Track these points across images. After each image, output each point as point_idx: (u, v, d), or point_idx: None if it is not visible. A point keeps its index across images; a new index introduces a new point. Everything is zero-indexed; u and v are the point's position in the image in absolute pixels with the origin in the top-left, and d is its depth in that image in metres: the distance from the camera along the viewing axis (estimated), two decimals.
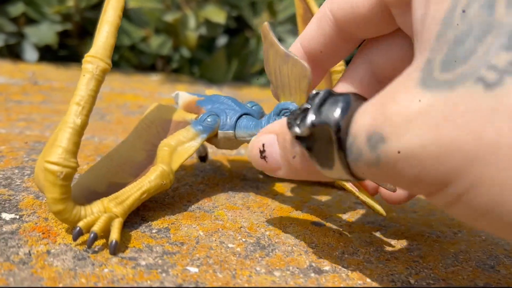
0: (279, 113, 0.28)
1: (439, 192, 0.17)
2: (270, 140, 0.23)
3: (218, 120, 0.31)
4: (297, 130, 0.20)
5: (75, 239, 0.24)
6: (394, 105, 0.17)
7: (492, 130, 0.15)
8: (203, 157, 0.39)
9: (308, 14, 0.35)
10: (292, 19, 0.85)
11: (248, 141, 0.30)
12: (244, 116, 0.31)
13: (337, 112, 0.19)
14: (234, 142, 0.31)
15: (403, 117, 0.16)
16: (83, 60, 0.25)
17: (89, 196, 0.27)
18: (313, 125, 0.19)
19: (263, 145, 0.23)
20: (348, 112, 0.19)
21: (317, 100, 0.20)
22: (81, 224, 0.24)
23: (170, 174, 0.28)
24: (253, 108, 0.33)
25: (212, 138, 0.31)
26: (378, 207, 0.28)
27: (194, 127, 0.31)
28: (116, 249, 0.24)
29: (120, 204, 0.26)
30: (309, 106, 0.20)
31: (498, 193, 0.15)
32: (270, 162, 0.23)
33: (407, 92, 0.17)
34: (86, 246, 0.24)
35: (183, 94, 0.35)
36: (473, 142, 0.15)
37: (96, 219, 0.25)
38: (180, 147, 0.30)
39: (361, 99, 0.20)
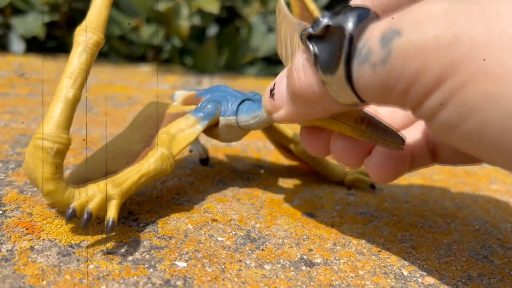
0: None
1: (433, 93, 0.17)
2: (281, 77, 0.23)
3: (219, 106, 0.29)
4: (310, 30, 0.20)
5: (68, 220, 0.22)
6: (417, 6, 0.17)
7: (507, 22, 0.16)
8: (204, 159, 0.37)
9: (306, 12, 0.34)
10: None
11: (251, 126, 0.29)
12: (246, 101, 0.30)
13: (353, 17, 0.19)
14: (236, 131, 0.30)
15: (424, 13, 0.17)
16: (75, 33, 0.24)
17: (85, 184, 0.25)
18: (327, 26, 0.19)
19: (274, 84, 0.23)
20: (365, 20, 0.19)
21: (334, 10, 0.20)
22: (75, 203, 0.23)
23: (170, 158, 0.27)
24: (255, 96, 0.31)
25: (213, 129, 0.30)
26: (394, 140, 0.24)
27: (194, 114, 0.29)
28: (113, 229, 0.23)
29: (117, 187, 0.24)
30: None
31: (494, 84, 0.16)
32: (276, 98, 0.23)
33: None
34: (80, 227, 0.23)
35: (180, 92, 0.33)
36: (485, 31, 0.16)
37: (91, 199, 0.23)
38: (180, 134, 0.28)
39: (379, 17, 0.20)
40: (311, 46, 0.20)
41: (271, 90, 0.24)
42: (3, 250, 0.23)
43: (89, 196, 0.23)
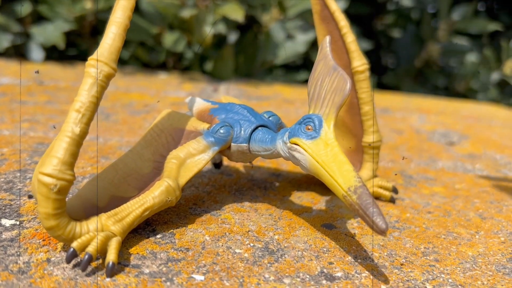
0: (301, 122, 0.26)
1: None
2: None
3: (231, 131, 0.29)
4: None
5: (68, 261, 0.22)
6: None
7: None
8: (217, 164, 0.37)
9: (326, 12, 0.34)
10: (302, 16, 0.83)
11: (263, 156, 0.28)
12: (260, 128, 0.29)
13: None
14: (248, 156, 0.29)
15: None
16: (86, 64, 0.23)
17: (89, 209, 0.25)
18: None
19: None
20: None
21: None
22: (74, 244, 0.22)
23: (176, 190, 0.26)
24: (270, 119, 0.30)
25: (225, 150, 0.29)
26: (378, 225, 0.23)
27: (206, 138, 0.28)
28: (113, 272, 0.22)
29: (119, 222, 0.24)
30: None
31: None
32: None
33: None
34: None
35: (197, 100, 0.33)
36: None
37: (91, 239, 0.23)
38: (190, 160, 0.28)
39: None
40: None
41: None
42: (19, 262, 0.23)
43: (90, 236, 0.23)
